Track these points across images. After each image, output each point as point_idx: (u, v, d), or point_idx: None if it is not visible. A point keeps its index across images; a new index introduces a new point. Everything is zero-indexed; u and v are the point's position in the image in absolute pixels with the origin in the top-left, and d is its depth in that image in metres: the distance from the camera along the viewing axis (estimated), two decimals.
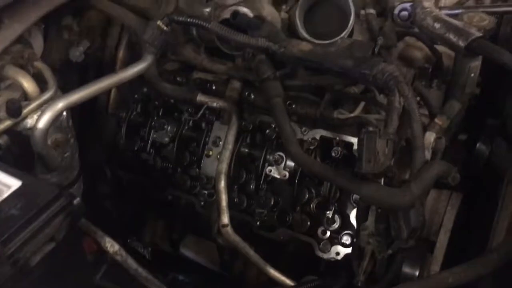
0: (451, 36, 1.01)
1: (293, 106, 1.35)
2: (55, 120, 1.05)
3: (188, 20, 1.18)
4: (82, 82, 1.64)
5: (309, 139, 1.33)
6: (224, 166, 1.27)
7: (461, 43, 0.99)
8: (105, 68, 1.69)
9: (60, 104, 1.05)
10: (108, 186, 1.67)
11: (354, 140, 1.30)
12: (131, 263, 1.03)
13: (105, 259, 1.15)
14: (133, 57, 1.70)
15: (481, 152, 1.31)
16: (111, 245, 1.05)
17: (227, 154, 1.29)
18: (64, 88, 1.32)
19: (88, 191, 1.50)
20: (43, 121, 1.01)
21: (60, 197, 0.79)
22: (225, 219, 1.23)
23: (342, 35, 1.31)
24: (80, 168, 1.39)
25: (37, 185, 0.83)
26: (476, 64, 1.29)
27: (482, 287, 1.01)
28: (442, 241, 1.12)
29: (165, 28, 1.18)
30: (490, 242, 1.04)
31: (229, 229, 1.22)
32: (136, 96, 1.58)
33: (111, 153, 1.65)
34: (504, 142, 1.21)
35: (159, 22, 1.18)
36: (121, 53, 1.70)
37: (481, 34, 0.98)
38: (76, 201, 0.83)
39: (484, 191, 1.24)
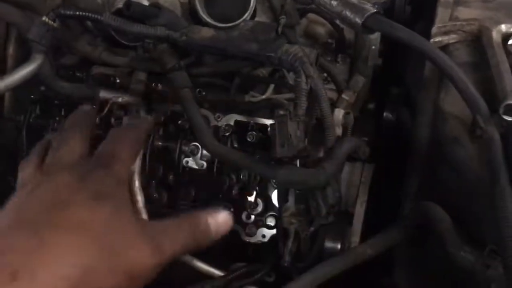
0: (348, 14, 1.02)
1: (203, 93, 1.31)
2: None
3: (78, 13, 1.09)
4: None
5: (223, 125, 1.31)
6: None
7: (358, 20, 1.00)
8: None
9: None
10: None
11: (268, 122, 1.29)
12: None
13: None
14: (27, 53, 1.57)
15: (388, 120, 1.37)
16: None
17: None
18: None
19: None
20: None
21: None
22: None
23: (244, 17, 1.28)
24: None
25: None
26: (375, 36, 1.33)
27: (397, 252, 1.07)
28: (359, 212, 1.16)
29: (52, 23, 1.08)
30: (401, 209, 1.10)
31: None
32: (32, 96, 1.46)
33: (14, 161, 1.52)
34: (407, 110, 1.26)
35: (44, 18, 1.08)
36: (11, 49, 1.56)
37: (375, 10, 1.00)
38: None
39: (394, 160, 1.30)
